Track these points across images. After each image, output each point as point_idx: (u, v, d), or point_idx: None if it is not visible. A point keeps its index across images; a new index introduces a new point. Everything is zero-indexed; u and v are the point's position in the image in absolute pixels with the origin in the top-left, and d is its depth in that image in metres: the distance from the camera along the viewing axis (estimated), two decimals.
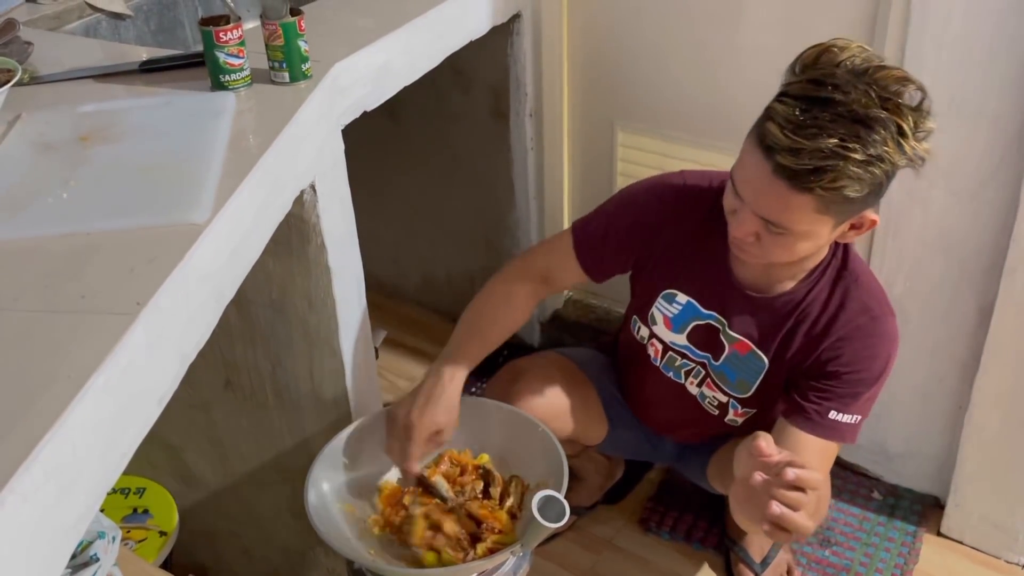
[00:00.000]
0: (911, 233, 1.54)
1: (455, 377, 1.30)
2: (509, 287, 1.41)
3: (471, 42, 1.55)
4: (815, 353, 1.27)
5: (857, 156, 1.03)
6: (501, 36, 1.74)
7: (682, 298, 1.36)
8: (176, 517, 1.43)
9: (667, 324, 1.39)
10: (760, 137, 1.08)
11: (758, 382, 1.34)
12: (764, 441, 1.00)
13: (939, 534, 1.70)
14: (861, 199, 1.08)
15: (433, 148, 2.06)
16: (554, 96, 1.86)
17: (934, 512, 1.72)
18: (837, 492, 1.77)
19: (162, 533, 1.39)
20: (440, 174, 2.09)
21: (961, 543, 1.68)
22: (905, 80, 1.06)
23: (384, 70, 1.34)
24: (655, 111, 1.77)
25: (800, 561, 1.65)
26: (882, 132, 1.04)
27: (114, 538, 1.09)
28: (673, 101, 1.73)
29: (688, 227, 1.33)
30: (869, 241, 1.58)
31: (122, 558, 1.13)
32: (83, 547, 1.06)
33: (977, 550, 1.66)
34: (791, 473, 0.97)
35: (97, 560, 1.06)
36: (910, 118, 1.05)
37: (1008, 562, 1.64)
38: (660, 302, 1.38)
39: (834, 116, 1.04)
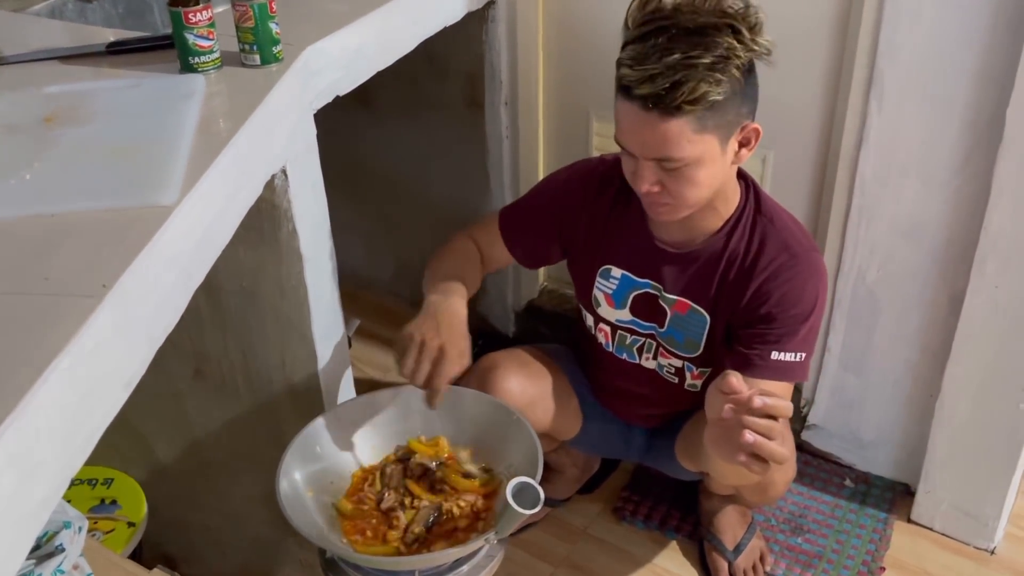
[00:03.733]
0: (883, 222, 1.54)
1: (461, 309, 1.32)
2: (465, 255, 1.46)
3: (445, 29, 1.54)
4: (746, 297, 1.31)
5: (705, 60, 1.11)
6: (476, 23, 1.73)
7: (617, 272, 1.40)
8: (145, 508, 1.41)
9: (609, 302, 1.43)
10: (619, 87, 1.18)
11: (704, 337, 1.38)
12: (735, 378, 1.02)
13: (909, 521, 1.71)
14: (728, 104, 1.15)
15: (407, 136, 2.04)
16: (529, 85, 1.85)
17: (905, 499, 1.74)
18: (809, 480, 1.78)
19: (130, 524, 1.38)
20: (414, 162, 2.07)
21: (931, 530, 1.70)
22: None
23: (357, 54, 1.32)
24: None
25: (772, 548, 1.66)
26: (718, 34, 1.12)
27: (80, 528, 1.07)
28: None
29: (605, 203, 1.39)
30: (842, 229, 1.59)
31: (89, 549, 1.10)
32: (48, 537, 1.04)
33: (947, 536, 1.68)
34: (759, 400, 0.99)
35: (63, 551, 1.04)
36: (739, 17, 1.14)
37: (977, 548, 1.66)
38: (599, 281, 1.42)
39: (670, 37, 1.13)
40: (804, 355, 1.29)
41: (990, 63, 1.35)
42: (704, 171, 1.19)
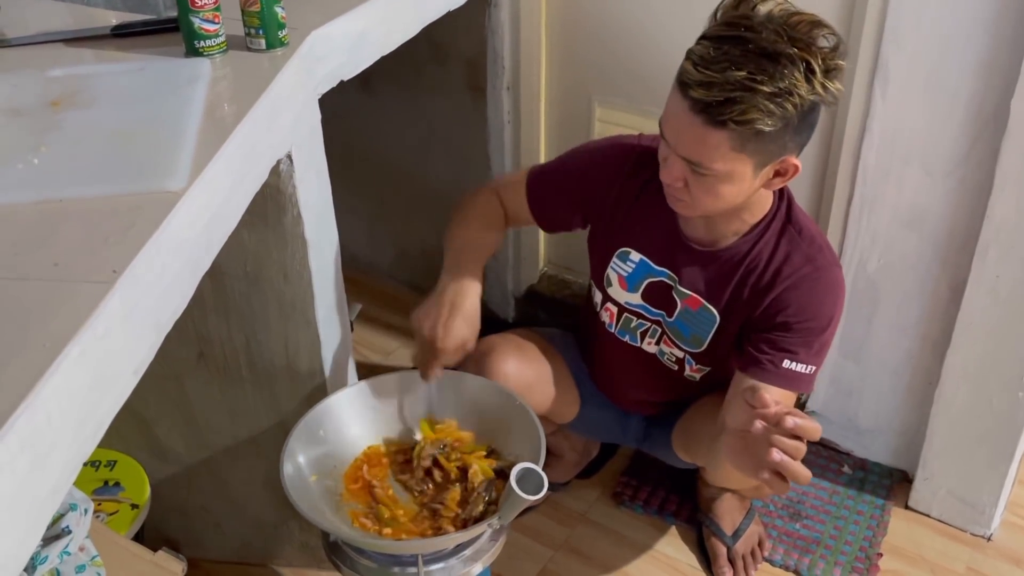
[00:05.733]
0: (885, 211, 1.55)
1: (472, 289, 1.33)
2: (488, 219, 1.46)
3: (448, 13, 1.53)
4: (763, 304, 1.30)
5: (766, 88, 1.08)
6: (479, 7, 1.72)
7: (635, 256, 1.39)
8: (148, 490, 1.41)
9: (622, 284, 1.42)
10: (678, 77, 1.14)
11: (711, 336, 1.37)
12: (768, 393, 1.02)
13: (907, 507, 1.72)
14: (775, 136, 1.12)
15: (409, 121, 2.04)
16: (531, 70, 1.85)
17: (902, 486, 1.75)
18: (808, 466, 1.78)
19: (134, 506, 1.38)
20: (416, 147, 2.07)
21: (928, 516, 1.71)
22: (818, 24, 1.12)
23: (361, 39, 1.31)
24: (634, 86, 1.76)
25: (771, 534, 1.67)
26: (790, 67, 1.09)
27: (86, 510, 1.08)
28: (652, 77, 1.72)
29: (635, 185, 1.37)
30: (843, 218, 1.59)
31: (94, 531, 1.11)
32: (55, 520, 1.05)
33: (944, 523, 1.70)
34: (791, 421, 0.99)
35: (69, 532, 1.04)
36: (819, 56, 1.10)
37: (973, 535, 1.67)
38: (615, 261, 1.41)
39: (744, 52, 1.09)
40: (814, 368, 1.29)
41: (996, 52, 1.34)
42: (729, 188, 1.18)
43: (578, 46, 1.81)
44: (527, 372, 1.48)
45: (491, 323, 2.15)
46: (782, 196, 1.31)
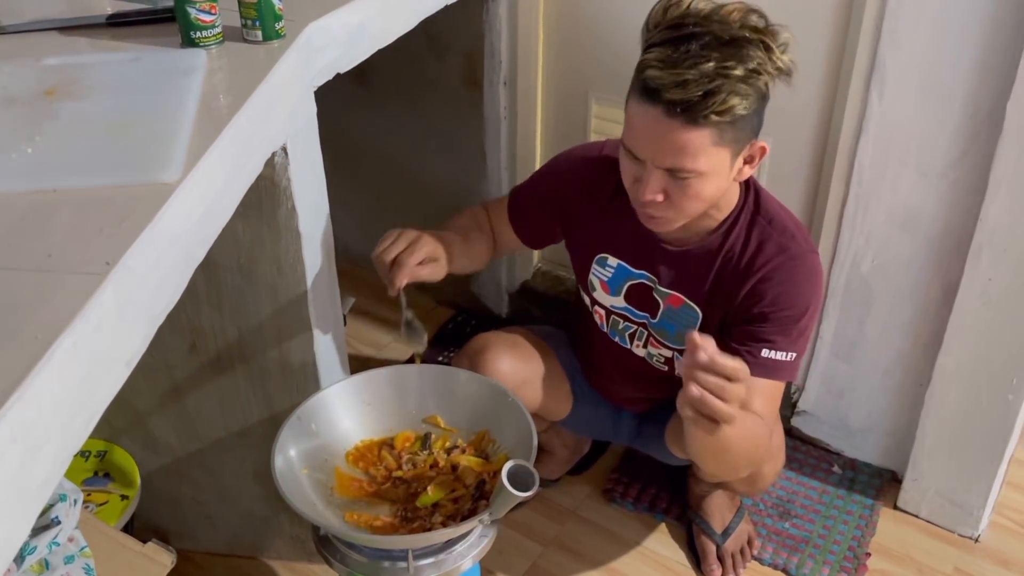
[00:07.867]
0: (879, 212, 1.55)
1: (450, 240, 1.36)
2: (476, 223, 1.50)
3: (446, 7, 1.53)
4: (740, 296, 1.30)
5: (738, 72, 1.10)
6: (477, 2, 1.72)
7: (613, 261, 1.41)
8: (138, 481, 1.41)
9: (604, 288, 1.43)
10: (642, 89, 1.13)
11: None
12: (697, 335, 0.99)
13: (896, 508, 1.73)
14: (748, 120, 1.14)
15: (405, 115, 2.03)
16: (529, 65, 1.85)
17: (891, 486, 1.76)
18: (798, 466, 1.79)
19: (124, 497, 1.38)
20: (412, 141, 2.06)
21: (917, 517, 1.71)
22: (748, 10, 1.14)
23: (358, 32, 1.31)
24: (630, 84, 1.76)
25: (760, 532, 1.68)
26: (751, 47, 1.11)
27: (75, 501, 1.08)
28: None
29: (606, 191, 1.38)
30: (838, 218, 1.60)
31: (83, 522, 1.11)
32: (44, 510, 1.04)
33: (932, 523, 1.70)
34: (702, 355, 0.98)
35: (58, 523, 1.04)
36: (767, 34, 1.12)
37: (961, 535, 1.68)
38: (595, 267, 1.43)
39: (703, 45, 1.10)
40: (795, 355, 1.29)
41: (992, 55, 1.35)
42: (710, 185, 1.18)
43: (575, 42, 1.81)
44: (521, 370, 1.49)
45: (485, 319, 2.16)
46: (748, 188, 1.32)
